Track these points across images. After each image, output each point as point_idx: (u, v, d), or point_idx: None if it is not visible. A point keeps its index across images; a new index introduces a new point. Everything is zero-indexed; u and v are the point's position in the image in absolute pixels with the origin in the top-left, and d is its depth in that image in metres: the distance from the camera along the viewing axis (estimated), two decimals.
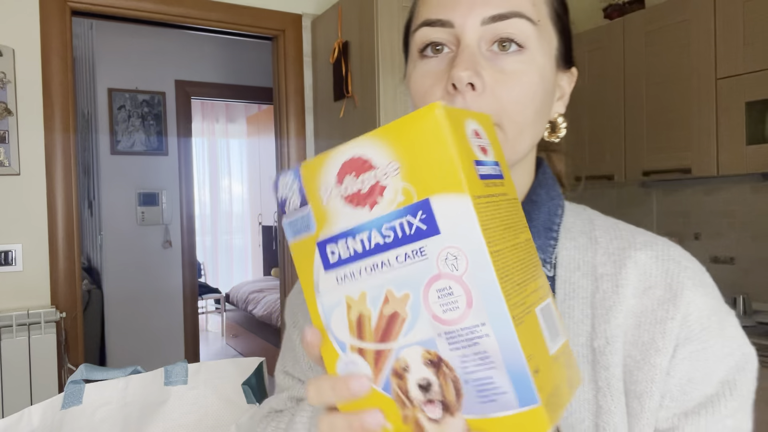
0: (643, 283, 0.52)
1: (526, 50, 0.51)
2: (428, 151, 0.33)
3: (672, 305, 0.51)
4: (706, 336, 0.51)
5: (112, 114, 4.06)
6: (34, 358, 2.00)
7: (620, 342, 0.51)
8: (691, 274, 0.53)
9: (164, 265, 4.22)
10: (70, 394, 0.69)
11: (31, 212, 2.15)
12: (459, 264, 0.33)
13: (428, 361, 0.35)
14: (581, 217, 0.59)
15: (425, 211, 0.34)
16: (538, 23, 0.52)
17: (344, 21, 2.37)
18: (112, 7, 2.30)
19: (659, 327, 0.51)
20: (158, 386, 0.74)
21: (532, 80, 0.51)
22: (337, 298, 0.37)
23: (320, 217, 0.37)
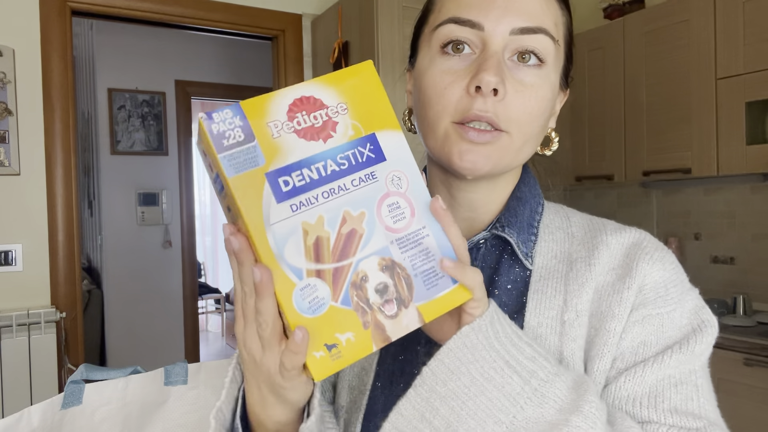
0: (609, 263, 0.56)
1: (545, 66, 0.54)
2: (370, 97, 0.42)
3: (629, 277, 0.54)
4: (662, 303, 0.54)
5: (112, 114, 4.06)
6: (34, 358, 2.00)
7: (587, 316, 0.55)
8: (650, 252, 0.56)
9: (164, 265, 4.22)
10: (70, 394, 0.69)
11: (31, 212, 2.15)
12: (402, 183, 0.43)
13: (383, 266, 0.41)
14: (559, 214, 0.63)
15: (372, 143, 0.42)
16: (557, 42, 0.55)
17: (344, 21, 2.37)
18: (112, 7, 2.30)
19: (616, 297, 0.54)
20: (158, 386, 0.74)
21: (545, 95, 0.55)
22: (292, 225, 0.40)
23: (270, 151, 0.39)
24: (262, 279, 0.38)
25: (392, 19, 2.17)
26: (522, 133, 0.54)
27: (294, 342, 0.39)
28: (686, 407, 0.51)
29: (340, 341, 0.41)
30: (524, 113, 0.53)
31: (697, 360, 0.54)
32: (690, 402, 0.52)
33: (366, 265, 0.41)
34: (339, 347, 0.41)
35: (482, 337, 0.45)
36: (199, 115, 0.40)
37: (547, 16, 0.54)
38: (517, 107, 0.53)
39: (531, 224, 0.60)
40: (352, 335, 0.41)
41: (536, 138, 0.57)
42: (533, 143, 0.57)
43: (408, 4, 2.19)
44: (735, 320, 2.14)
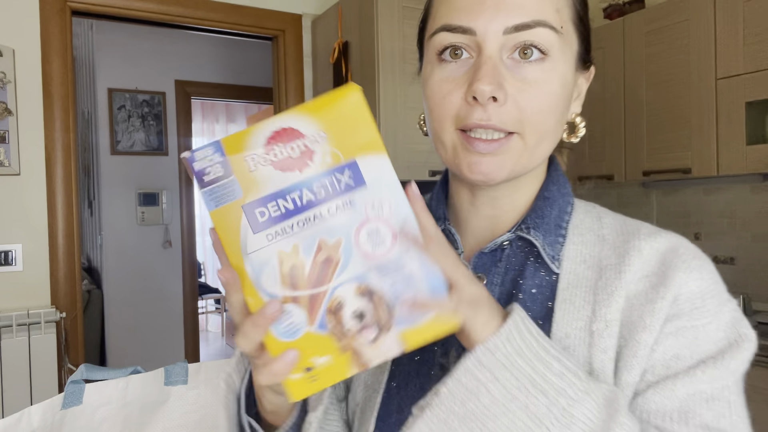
0: (642, 270, 0.52)
1: (549, 58, 0.51)
2: (352, 122, 0.41)
3: (663, 287, 0.51)
4: (698, 315, 0.50)
5: (112, 114, 4.06)
6: (34, 358, 2.00)
7: (618, 324, 0.51)
8: (687, 259, 0.52)
9: (164, 265, 4.22)
10: (70, 394, 0.69)
11: (31, 212, 2.14)
12: (384, 208, 0.42)
13: (361, 293, 0.42)
14: (590, 215, 0.59)
15: (352, 169, 0.41)
16: (561, 30, 0.52)
17: (344, 21, 2.37)
18: (112, 7, 2.30)
19: (649, 306, 0.50)
20: (158, 386, 0.74)
21: (554, 89, 0.52)
22: (268, 254, 0.42)
23: (247, 184, 0.42)
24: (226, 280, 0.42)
25: (392, 19, 2.17)
26: (534, 132, 0.52)
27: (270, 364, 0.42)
28: (718, 424, 0.49)
29: (316, 365, 0.43)
30: (532, 112, 0.51)
31: (731, 376, 0.51)
32: (722, 419, 0.49)
33: (342, 291, 0.42)
34: (315, 371, 0.43)
35: (501, 355, 0.43)
36: (182, 155, 0.43)
37: (544, 5, 0.51)
38: (524, 107, 0.51)
39: (559, 225, 0.57)
40: (329, 359, 0.43)
41: (553, 133, 0.54)
42: (550, 139, 0.54)
43: (408, 4, 2.19)
44: None
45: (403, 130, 2.19)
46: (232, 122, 6.95)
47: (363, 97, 0.41)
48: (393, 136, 2.17)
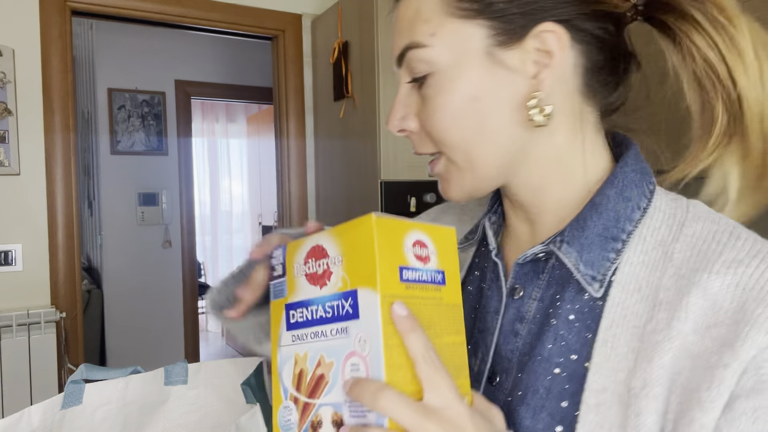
0: (708, 318, 0.40)
1: (434, 72, 0.48)
2: (362, 251, 0.41)
3: (730, 349, 0.38)
4: None
5: (112, 114, 4.06)
6: (34, 358, 2.00)
7: (663, 387, 0.40)
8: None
9: (164, 265, 4.22)
10: (70, 394, 0.69)
11: (31, 212, 2.15)
12: (366, 346, 0.40)
13: (334, 421, 0.42)
14: (673, 221, 0.47)
15: (353, 298, 0.42)
16: (432, 39, 0.48)
17: (344, 21, 2.37)
18: (112, 7, 2.30)
19: (708, 374, 0.38)
20: (158, 386, 0.74)
21: (442, 101, 0.48)
22: (290, 353, 0.47)
23: (291, 287, 0.48)
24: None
25: (392, 20, 2.17)
26: (453, 149, 0.49)
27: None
28: None
29: None
30: (433, 130, 0.49)
31: None
32: None
33: (324, 412, 0.43)
34: None
35: None
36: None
37: (410, 25, 0.49)
38: (426, 127, 0.50)
39: (613, 237, 0.47)
40: None
41: (477, 139, 0.48)
42: (479, 146, 0.48)
43: None
44: None
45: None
46: (232, 122, 6.95)
47: (375, 228, 0.41)
48: (393, 136, 2.16)
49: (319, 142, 2.68)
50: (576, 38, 0.47)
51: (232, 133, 6.99)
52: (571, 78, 0.48)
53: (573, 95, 0.49)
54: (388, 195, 2.17)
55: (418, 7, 0.49)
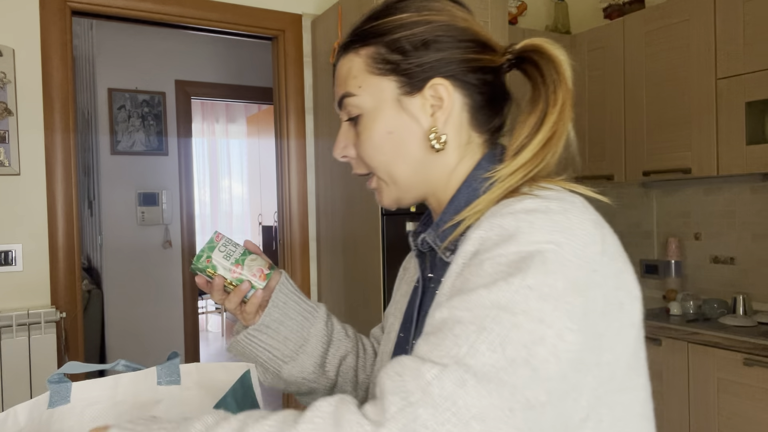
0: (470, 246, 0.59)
1: (362, 115, 0.67)
2: None
3: (466, 239, 0.57)
4: (483, 255, 0.53)
5: (112, 114, 4.06)
6: (34, 358, 2.00)
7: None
8: (502, 210, 0.56)
9: (164, 265, 4.22)
10: (56, 393, 0.69)
11: (31, 212, 2.15)
12: None
13: None
14: (483, 202, 0.62)
15: None
16: (360, 90, 0.67)
17: (344, 21, 2.37)
18: (112, 7, 2.30)
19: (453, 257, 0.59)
20: (150, 386, 0.74)
21: (368, 135, 0.67)
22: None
23: None
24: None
25: None
26: (380, 171, 0.68)
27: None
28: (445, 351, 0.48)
29: None
30: (366, 158, 0.68)
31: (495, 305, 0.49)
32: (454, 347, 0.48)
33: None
34: None
35: None
36: None
37: (344, 79, 0.68)
38: (361, 154, 0.69)
39: (446, 221, 0.65)
40: None
41: (395, 162, 0.67)
42: (397, 167, 0.67)
43: None
44: (735, 320, 2.14)
45: None
46: (232, 122, 6.95)
47: None
48: None
49: (319, 142, 2.68)
50: (460, 86, 0.66)
51: (232, 133, 6.99)
52: (459, 114, 0.66)
53: (462, 126, 0.67)
54: None
55: (350, 66, 0.68)
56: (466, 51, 0.65)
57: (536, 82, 0.65)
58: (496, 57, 0.67)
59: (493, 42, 0.68)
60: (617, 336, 0.53)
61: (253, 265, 0.80)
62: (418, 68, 0.65)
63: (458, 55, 0.65)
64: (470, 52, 0.65)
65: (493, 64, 0.67)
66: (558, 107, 0.62)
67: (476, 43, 0.66)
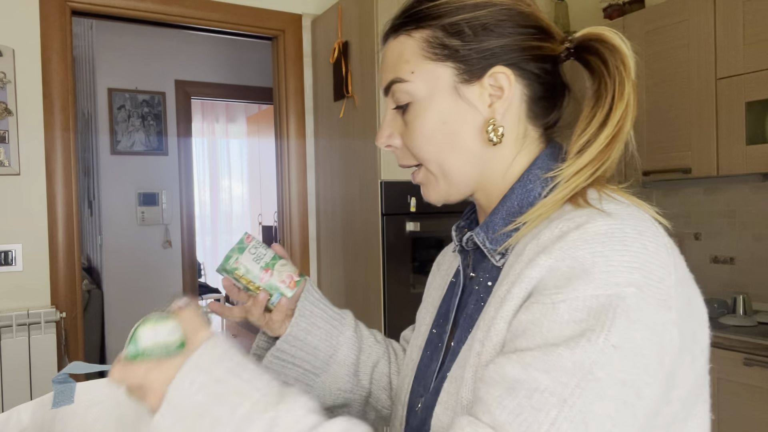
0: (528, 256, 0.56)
1: (413, 102, 0.63)
2: None
3: (528, 267, 0.53)
4: (553, 293, 0.49)
5: (112, 114, 4.06)
6: (34, 358, 2.00)
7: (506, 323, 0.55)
8: (572, 239, 0.51)
9: (164, 265, 4.22)
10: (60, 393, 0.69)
11: (31, 212, 2.15)
12: None
13: None
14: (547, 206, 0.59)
15: None
16: (412, 76, 0.62)
17: (344, 21, 2.37)
18: (112, 7, 2.30)
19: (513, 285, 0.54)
20: None
21: (420, 124, 0.62)
22: None
23: None
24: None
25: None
26: (428, 162, 0.64)
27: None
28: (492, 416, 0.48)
29: None
30: (413, 147, 0.64)
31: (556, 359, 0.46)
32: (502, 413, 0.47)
33: None
34: None
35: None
36: None
37: (394, 63, 0.63)
38: (410, 145, 0.64)
39: (509, 221, 0.61)
40: None
41: (448, 154, 0.62)
42: (451, 160, 0.63)
43: None
44: (735, 320, 2.14)
45: None
46: (232, 122, 6.95)
47: None
48: None
49: (319, 142, 2.68)
50: (521, 76, 0.62)
51: (232, 133, 6.99)
52: (518, 106, 0.63)
53: (519, 119, 0.63)
54: (388, 195, 2.17)
55: (401, 50, 0.63)
56: (528, 38, 0.61)
57: (600, 74, 0.61)
58: (555, 45, 0.63)
59: (554, 29, 0.64)
60: (689, 369, 0.52)
61: (283, 271, 0.75)
62: (478, 55, 0.60)
63: (521, 42, 0.61)
64: (533, 39, 0.61)
65: (553, 53, 0.63)
66: (624, 101, 0.60)
67: (538, 30, 0.62)
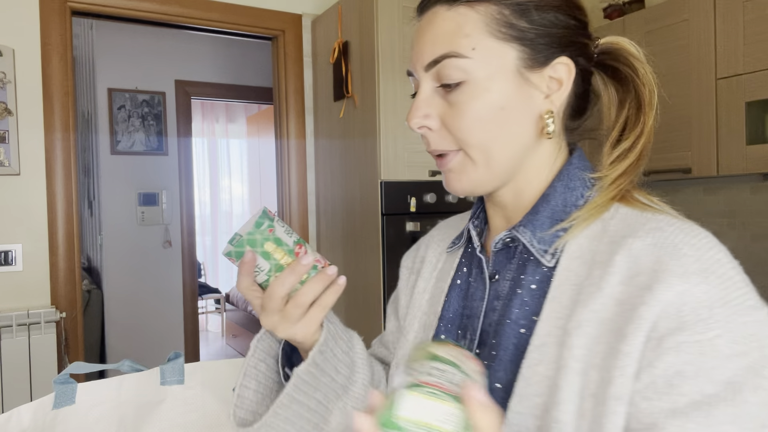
0: (631, 271, 0.51)
1: (467, 81, 0.56)
2: None
3: (649, 291, 0.48)
4: (702, 328, 0.46)
5: (112, 114, 4.06)
6: (34, 358, 2.00)
7: (593, 327, 0.50)
8: (689, 261, 0.49)
9: (164, 265, 4.22)
10: (61, 394, 0.69)
11: (31, 212, 2.15)
12: None
13: None
14: (599, 207, 0.58)
15: None
16: (473, 52, 0.56)
17: (344, 21, 2.37)
18: (112, 7, 2.30)
19: (629, 313, 0.49)
20: (154, 386, 0.74)
21: (474, 107, 0.56)
22: None
23: None
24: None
25: (392, 19, 2.17)
26: (473, 148, 0.57)
27: None
28: None
29: None
30: (459, 131, 0.57)
31: (753, 414, 0.45)
32: None
33: None
34: None
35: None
36: None
37: (451, 36, 0.56)
38: (451, 128, 0.58)
39: (559, 219, 0.58)
40: None
41: (498, 142, 0.57)
42: (500, 149, 0.57)
43: (408, 4, 2.19)
44: None
45: (402, 130, 2.19)
46: (232, 122, 6.95)
47: None
48: (393, 136, 2.17)
49: (319, 142, 2.68)
50: (576, 71, 0.59)
51: (232, 133, 6.99)
52: (564, 102, 0.60)
53: (562, 114, 0.61)
54: (388, 195, 2.17)
55: (460, 22, 0.56)
56: (582, 33, 0.60)
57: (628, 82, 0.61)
58: (593, 46, 0.62)
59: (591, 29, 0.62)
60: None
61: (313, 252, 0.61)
62: (545, 41, 0.57)
63: (577, 35, 0.59)
64: (583, 36, 0.60)
65: (592, 54, 0.61)
66: (653, 109, 0.59)
67: (586, 27, 0.60)
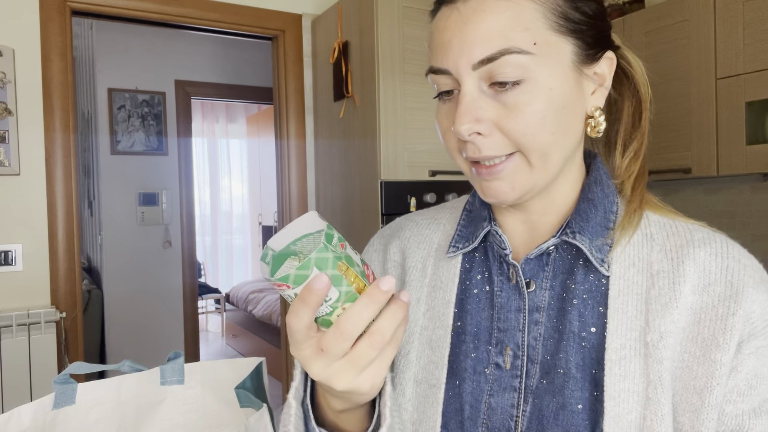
0: (702, 280, 0.53)
1: (526, 80, 0.50)
2: None
3: (733, 302, 0.51)
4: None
5: (112, 114, 4.06)
6: (34, 358, 2.00)
7: (675, 337, 0.51)
8: (752, 272, 0.53)
9: (164, 265, 4.22)
10: (61, 394, 0.69)
11: (31, 212, 2.15)
12: None
13: None
14: (636, 212, 0.58)
15: None
16: (534, 48, 0.50)
17: (344, 21, 2.37)
18: (112, 7, 2.30)
19: (720, 323, 0.51)
20: (154, 386, 0.74)
21: (537, 107, 0.51)
22: None
23: None
24: None
25: (392, 19, 2.17)
26: (531, 151, 0.52)
27: None
28: None
29: None
30: (518, 134, 0.51)
31: None
32: None
33: None
34: None
35: None
36: None
37: (508, 30, 0.50)
38: (508, 131, 0.51)
39: (606, 227, 0.57)
40: None
41: (556, 144, 0.53)
42: (557, 150, 0.53)
43: (408, 4, 2.19)
44: None
45: (402, 130, 2.19)
46: (232, 122, 6.95)
47: None
48: (393, 136, 2.17)
49: (319, 142, 2.68)
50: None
51: (232, 133, 6.99)
52: None
53: None
54: (388, 195, 2.17)
55: (517, 14, 0.50)
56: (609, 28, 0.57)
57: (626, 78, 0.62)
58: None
59: None
60: None
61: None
62: (596, 35, 0.54)
63: (610, 29, 0.57)
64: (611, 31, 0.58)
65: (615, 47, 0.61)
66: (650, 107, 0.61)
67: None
